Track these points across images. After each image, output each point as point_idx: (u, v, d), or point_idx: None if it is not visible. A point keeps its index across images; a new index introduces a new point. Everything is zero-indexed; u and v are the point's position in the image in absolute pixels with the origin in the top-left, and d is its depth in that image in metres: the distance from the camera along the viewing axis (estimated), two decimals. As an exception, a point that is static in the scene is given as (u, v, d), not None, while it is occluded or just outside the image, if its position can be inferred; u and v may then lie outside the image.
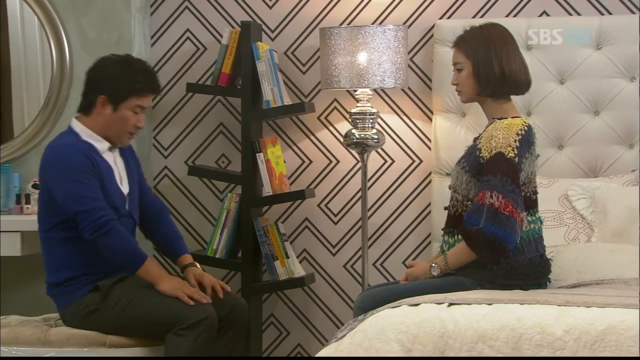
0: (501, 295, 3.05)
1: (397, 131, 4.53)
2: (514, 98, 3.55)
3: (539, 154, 3.52)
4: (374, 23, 4.51)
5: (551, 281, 3.52)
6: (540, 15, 4.39)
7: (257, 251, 4.40)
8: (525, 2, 4.41)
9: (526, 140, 3.38)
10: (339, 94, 4.56)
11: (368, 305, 3.30)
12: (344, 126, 4.50)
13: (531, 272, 3.40)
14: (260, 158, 4.34)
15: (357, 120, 4.27)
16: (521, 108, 4.10)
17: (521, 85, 3.52)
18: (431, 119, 4.44)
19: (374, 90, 4.44)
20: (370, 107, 4.29)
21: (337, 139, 4.56)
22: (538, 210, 3.50)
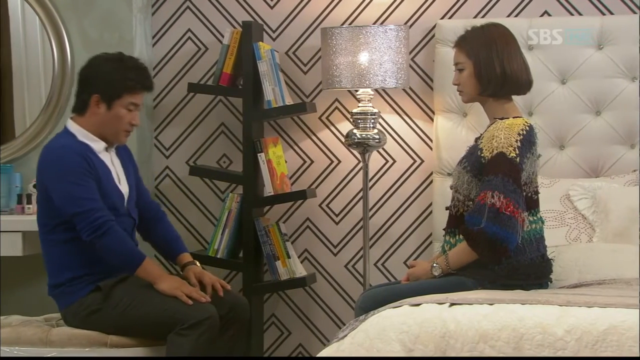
0: (502, 295, 3.04)
1: (398, 131, 4.53)
2: (515, 98, 3.55)
3: (540, 154, 3.52)
4: (375, 23, 4.50)
5: (552, 281, 3.52)
6: (542, 15, 4.39)
7: (258, 251, 4.40)
8: (527, 2, 4.40)
9: (527, 140, 3.38)
10: (340, 94, 4.56)
11: (369, 305, 3.30)
12: (345, 126, 4.50)
13: (532, 272, 3.40)
14: (262, 158, 4.34)
15: (358, 120, 4.27)
16: (522, 108, 4.10)
17: (522, 85, 3.51)
18: (432, 119, 4.44)
19: (375, 90, 4.44)
20: (371, 107, 4.29)
21: (338, 139, 4.56)
22: (539, 210, 3.49)
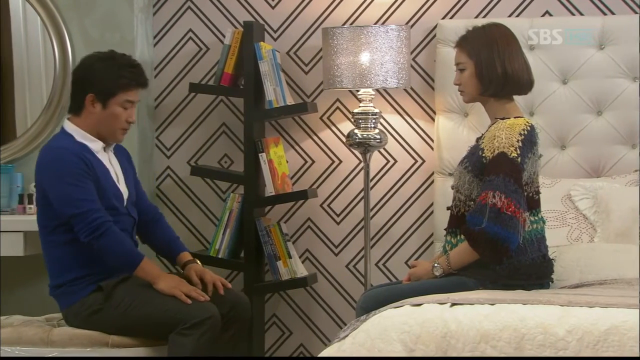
0: (504, 296, 3.04)
1: (399, 131, 4.53)
2: (516, 98, 3.55)
3: (541, 154, 3.52)
4: (376, 23, 4.50)
5: (554, 281, 3.51)
6: (543, 15, 4.38)
7: (259, 251, 4.40)
8: (528, 2, 4.40)
9: (529, 140, 3.38)
10: (341, 94, 4.56)
11: (370, 305, 3.30)
12: (346, 126, 4.50)
13: (534, 272, 3.40)
14: (263, 158, 4.34)
15: (359, 120, 4.27)
16: (524, 108, 4.10)
17: (524, 85, 3.51)
18: (434, 119, 4.44)
19: (377, 90, 4.44)
20: (372, 107, 4.29)
21: (339, 139, 4.56)
22: (541, 210, 3.49)
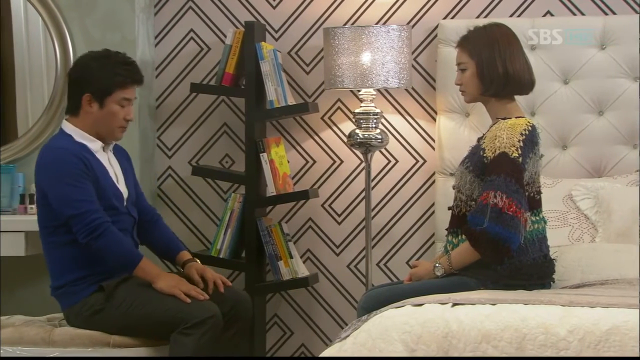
0: (505, 296, 3.04)
1: (400, 131, 4.53)
2: (517, 98, 3.55)
3: (542, 154, 3.52)
4: (377, 23, 4.50)
5: (555, 281, 3.51)
6: (544, 16, 4.38)
7: (260, 251, 4.40)
8: (529, 2, 4.40)
9: (530, 140, 3.38)
10: (342, 94, 4.55)
11: (372, 305, 3.30)
12: (347, 126, 4.50)
13: (535, 272, 3.40)
14: (264, 158, 4.34)
15: (360, 121, 4.27)
16: (525, 108, 4.10)
17: (525, 85, 3.51)
18: (435, 119, 4.44)
19: (378, 91, 4.44)
20: (374, 107, 4.29)
21: (340, 139, 4.56)
22: (542, 210, 3.49)
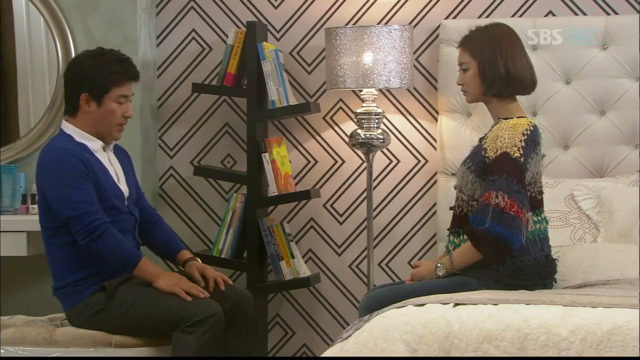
0: (507, 296, 3.04)
1: (402, 131, 4.53)
2: (519, 98, 3.55)
3: (544, 154, 3.52)
4: (379, 23, 4.50)
5: (557, 281, 3.51)
6: (546, 15, 4.38)
7: (262, 251, 4.40)
8: (531, 2, 4.40)
9: (532, 140, 3.38)
10: (344, 94, 4.56)
11: (373, 305, 3.30)
12: (349, 126, 4.50)
13: (537, 272, 3.40)
14: (266, 158, 4.34)
15: (362, 121, 4.27)
16: (527, 108, 4.10)
17: (527, 85, 3.51)
18: (437, 119, 4.44)
19: (380, 91, 4.44)
20: (375, 107, 4.29)
21: (342, 139, 4.56)
22: (544, 210, 3.49)
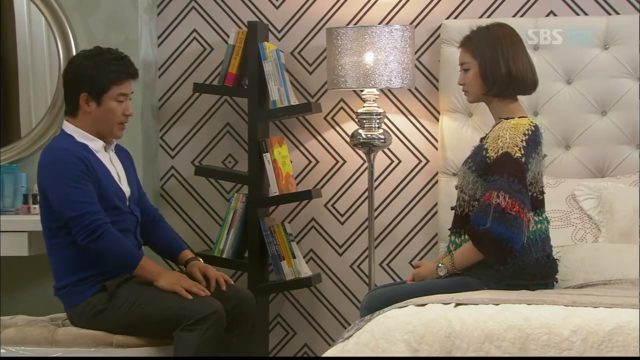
0: (508, 296, 3.04)
1: (403, 131, 4.53)
2: (520, 98, 3.55)
3: (545, 154, 3.52)
4: (380, 23, 4.50)
5: (558, 281, 3.51)
6: (547, 15, 4.38)
7: (263, 251, 4.40)
8: (532, 2, 4.40)
9: (533, 140, 3.38)
10: (345, 94, 4.56)
11: (375, 305, 3.30)
12: (350, 126, 4.50)
13: (538, 273, 3.40)
14: (267, 158, 4.34)
15: (363, 121, 4.27)
16: (528, 108, 4.09)
17: (528, 85, 3.51)
18: (438, 119, 4.44)
19: (381, 91, 4.43)
20: (376, 107, 4.29)
21: (343, 139, 4.56)
22: (545, 210, 3.49)
